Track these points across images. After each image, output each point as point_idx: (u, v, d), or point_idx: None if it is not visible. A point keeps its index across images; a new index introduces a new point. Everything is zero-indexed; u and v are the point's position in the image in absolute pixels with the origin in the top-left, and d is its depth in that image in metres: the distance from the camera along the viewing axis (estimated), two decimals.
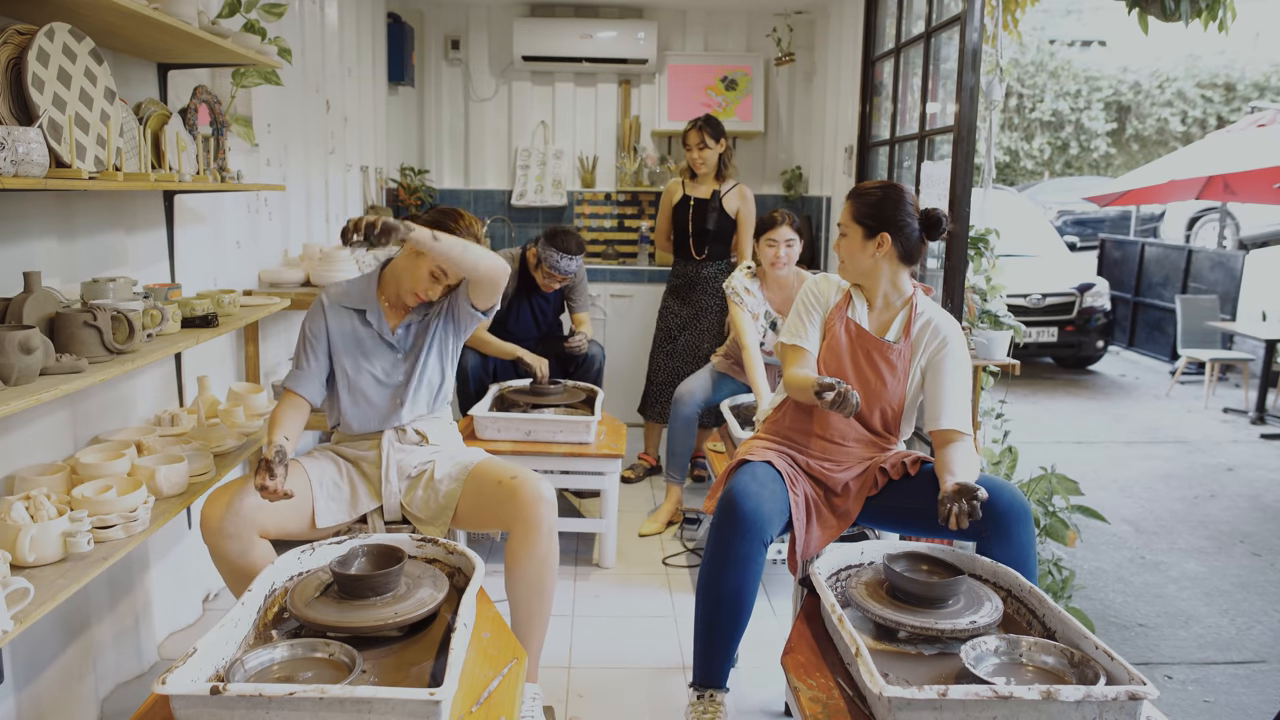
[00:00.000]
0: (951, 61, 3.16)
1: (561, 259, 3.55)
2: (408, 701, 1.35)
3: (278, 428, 2.14)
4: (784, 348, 2.35)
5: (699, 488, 4.09)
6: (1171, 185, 8.47)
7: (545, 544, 2.13)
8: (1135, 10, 2.97)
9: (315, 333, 2.26)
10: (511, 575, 2.13)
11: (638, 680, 2.53)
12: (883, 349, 2.24)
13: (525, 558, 2.11)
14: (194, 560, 2.79)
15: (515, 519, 2.12)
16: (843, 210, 2.30)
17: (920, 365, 2.25)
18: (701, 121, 3.95)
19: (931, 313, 2.28)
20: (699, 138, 3.93)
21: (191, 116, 2.57)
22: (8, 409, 1.54)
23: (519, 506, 2.12)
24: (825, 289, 2.35)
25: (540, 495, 2.14)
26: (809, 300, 2.36)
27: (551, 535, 2.14)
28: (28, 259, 2.00)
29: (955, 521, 1.88)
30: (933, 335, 2.24)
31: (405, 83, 5.00)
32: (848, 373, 2.25)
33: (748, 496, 2.04)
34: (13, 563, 1.70)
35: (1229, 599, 3.62)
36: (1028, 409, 6.78)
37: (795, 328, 2.35)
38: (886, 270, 2.25)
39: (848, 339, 2.28)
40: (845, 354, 2.26)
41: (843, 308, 2.31)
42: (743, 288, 3.43)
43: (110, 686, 2.35)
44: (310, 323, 2.27)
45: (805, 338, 2.32)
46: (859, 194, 2.28)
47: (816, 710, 1.57)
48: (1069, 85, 14.75)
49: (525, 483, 2.16)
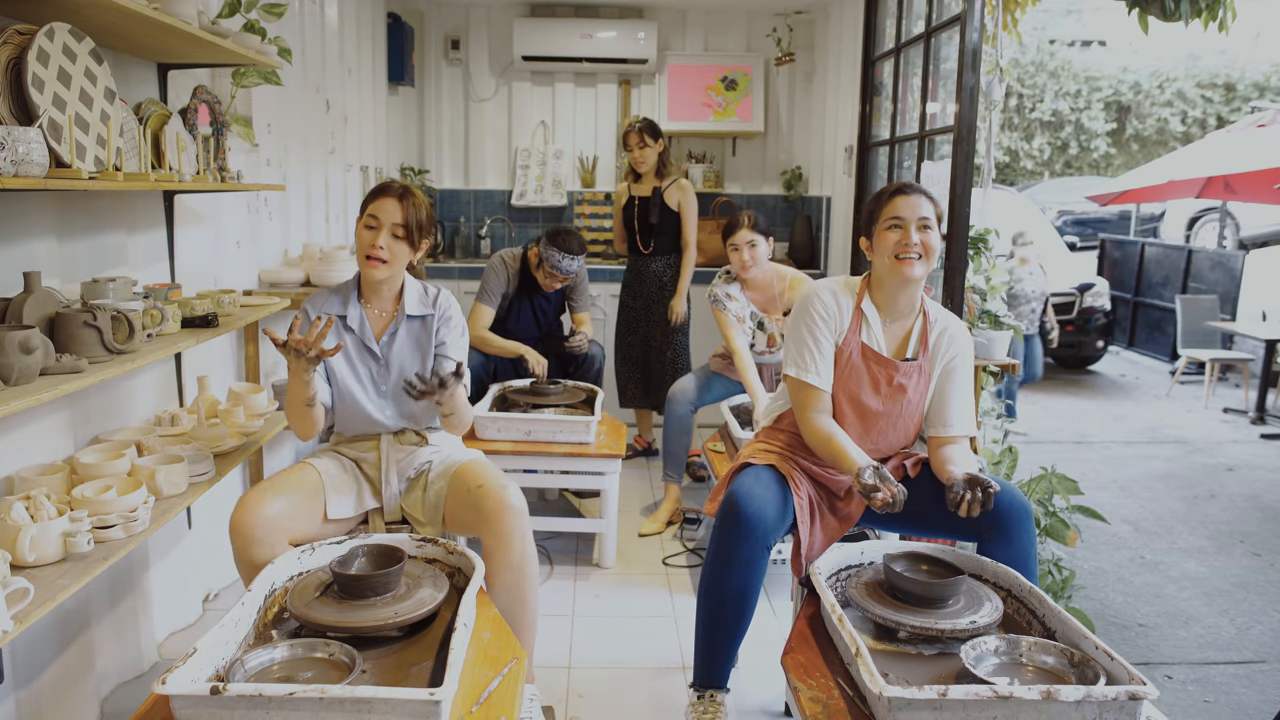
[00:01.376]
0: (951, 61, 3.16)
1: (563, 259, 3.56)
2: (408, 701, 1.35)
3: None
4: (793, 383, 2.17)
5: (698, 487, 4.09)
6: (1171, 185, 8.47)
7: (517, 552, 2.08)
8: (1135, 10, 2.97)
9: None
10: (490, 585, 2.09)
11: (638, 680, 2.53)
12: (906, 371, 2.15)
13: (500, 566, 2.07)
14: (194, 560, 2.79)
15: (485, 528, 2.09)
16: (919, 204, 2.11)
17: (937, 374, 2.19)
18: (640, 124, 4.15)
19: (945, 320, 2.22)
20: (639, 139, 4.13)
21: (191, 116, 2.57)
22: (8, 409, 1.54)
23: (486, 516, 2.08)
24: (836, 307, 2.17)
25: (505, 505, 2.08)
26: (818, 323, 2.16)
27: (523, 542, 2.10)
28: (28, 259, 2.00)
29: (967, 509, 1.87)
30: (949, 344, 2.18)
31: (405, 83, 5.01)
32: (870, 404, 2.16)
33: (751, 499, 2.03)
34: (13, 563, 1.70)
35: (1229, 599, 3.62)
36: (1028, 409, 6.78)
37: (804, 358, 2.15)
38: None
39: (867, 369, 2.15)
40: (865, 383, 2.16)
41: (856, 329, 2.16)
42: (723, 294, 3.43)
43: (110, 686, 2.35)
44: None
45: (818, 373, 2.14)
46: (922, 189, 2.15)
47: (816, 710, 1.57)
48: (1069, 85, 14.74)
49: (490, 493, 2.11)
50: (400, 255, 2.18)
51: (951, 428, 2.15)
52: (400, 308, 2.27)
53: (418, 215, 2.18)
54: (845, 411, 2.18)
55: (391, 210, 2.16)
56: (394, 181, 2.25)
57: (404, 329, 2.27)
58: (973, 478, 1.92)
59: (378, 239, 2.15)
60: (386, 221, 2.15)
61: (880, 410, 2.17)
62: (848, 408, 2.17)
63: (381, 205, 2.16)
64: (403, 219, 2.16)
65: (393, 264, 2.18)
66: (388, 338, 2.27)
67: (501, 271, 3.71)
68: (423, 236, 2.22)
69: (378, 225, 2.15)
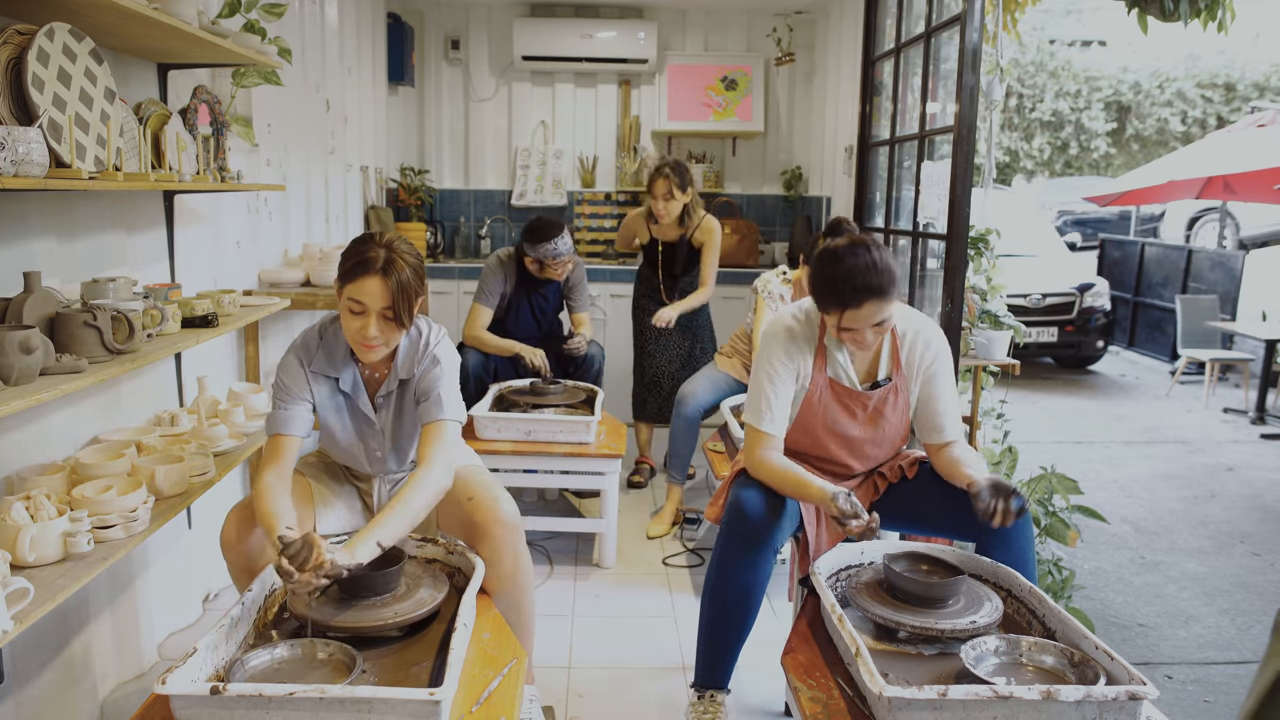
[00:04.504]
0: (951, 61, 3.16)
1: (553, 245, 3.53)
2: (408, 701, 1.35)
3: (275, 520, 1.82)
4: (748, 427, 2.14)
5: (699, 487, 4.09)
6: (1171, 185, 8.47)
7: (509, 564, 2.02)
8: (1135, 10, 2.97)
9: (295, 386, 2.03)
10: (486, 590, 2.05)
11: (638, 680, 2.53)
12: (881, 397, 2.12)
13: (494, 578, 2.01)
14: (194, 560, 2.79)
15: (478, 541, 2.02)
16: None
17: (917, 385, 2.15)
18: (669, 168, 3.72)
19: (914, 326, 2.16)
20: (667, 187, 3.71)
21: (191, 116, 2.57)
22: (8, 409, 1.54)
23: (478, 529, 2.02)
24: (795, 348, 2.12)
25: (496, 519, 2.00)
26: (778, 373, 2.11)
27: (516, 554, 2.04)
28: (28, 259, 2.00)
29: (1002, 519, 1.85)
30: (924, 350, 2.14)
31: (405, 83, 5.01)
32: (850, 432, 2.13)
33: (757, 504, 2.03)
34: (13, 563, 1.70)
35: (1229, 599, 3.62)
36: (1028, 409, 6.78)
37: (759, 406, 2.11)
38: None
39: (839, 403, 2.12)
40: (841, 415, 2.13)
41: (821, 366, 2.12)
42: (777, 293, 3.42)
43: (110, 686, 2.35)
44: (289, 377, 2.03)
45: (773, 420, 2.10)
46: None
47: (816, 710, 1.57)
48: (1069, 85, 14.74)
49: (481, 505, 2.02)
50: (394, 334, 1.95)
51: (946, 431, 2.14)
52: (394, 368, 2.07)
53: (405, 290, 1.90)
54: (827, 443, 2.16)
55: (375, 294, 1.88)
56: (373, 247, 1.91)
57: (398, 388, 2.11)
58: (996, 484, 1.90)
59: (367, 328, 1.90)
60: (373, 307, 1.89)
61: (862, 436, 2.15)
62: (828, 439, 2.16)
63: (362, 288, 1.88)
64: (389, 301, 1.89)
65: (389, 343, 1.97)
66: (383, 399, 2.10)
67: (498, 270, 3.70)
68: (413, 302, 1.94)
69: (363, 311, 1.90)
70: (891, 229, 3.78)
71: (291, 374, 2.03)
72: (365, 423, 2.11)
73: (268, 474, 1.93)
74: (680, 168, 3.75)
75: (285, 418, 1.99)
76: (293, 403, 2.01)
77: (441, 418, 2.00)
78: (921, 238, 3.41)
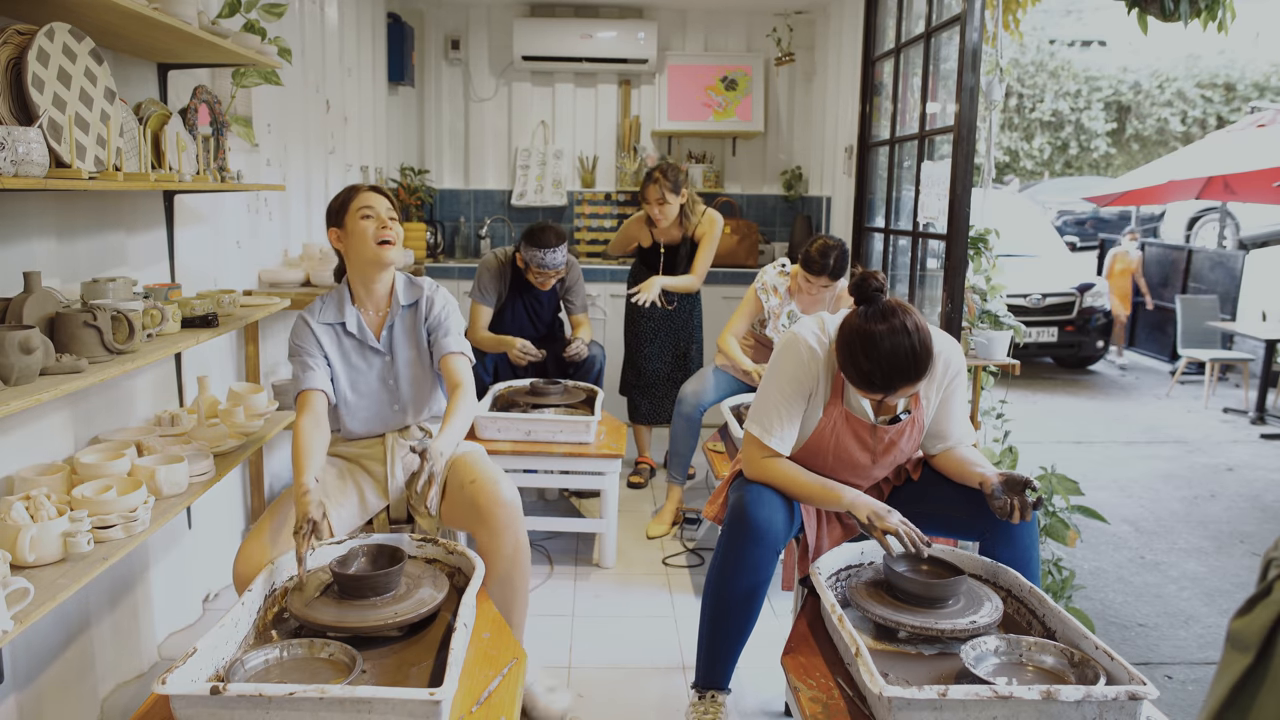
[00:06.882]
0: (951, 61, 3.16)
1: (546, 254, 3.51)
2: (408, 701, 1.35)
3: (306, 458, 2.00)
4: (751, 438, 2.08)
5: (696, 486, 4.09)
6: (1171, 185, 8.47)
7: (510, 544, 2.12)
8: (1135, 10, 2.97)
9: (307, 344, 2.23)
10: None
11: (638, 680, 2.53)
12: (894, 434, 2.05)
13: (493, 557, 2.10)
14: (194, 560, 2.79)
15: (478, 523, 2.12)
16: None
17: (934, 408, 2.10)
18: (659, 175, 3.70)
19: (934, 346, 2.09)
20: (659, 191, 3.70)
21: (191, 116, 2.57)
22: (8, 409, 1.54)
23: (479, 510, 2.12)
24: (812, 369, 2.02)
25: (497, 500, 2.12)
26: (788, 388, 2.03)
27: (516, 535, 2.13)
28: (28, 259, 2.00)
29: (1020, 515, 1.87)
30: (943, 371, 2.06)
31: (405, 83, 5.01)
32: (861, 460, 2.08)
33: (760, 504, 2.02)
34: (13, 563, 1.70)
35: (1229, 599, 3.61)
36: (1028, 409, 6.78)
37: (769, 420, 2.05)
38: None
39: (854, 435, 2.05)
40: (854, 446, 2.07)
41: (837, 399, 2.03)
42: (771, 285, 3.43)
43: (110, 686, 2.35)
44: (299, 338, 2.24)
45: (780, 439, 2.05)
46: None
47: (816, 710, 1.57)
48: (1069, 85, 14.74)
49: (483, 489, 2.14)
50: (402, 236, 2.28)
51: (953, 438, 2.13)
52: (394, 299, 2.33)
53: (394, 199, 2.32)
54: (836, 470, 2.12)
55: (377, 200, 2.25)
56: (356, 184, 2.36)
57: (399, 321, 2.33)
58: (1009, 479, 1.90)
59: (385, 223, 2.23)
60: (380, 208, 2.24)
61: (872, 464, 2.11)
62: (836, 466, 2.11)
63: (367, 198, 2.25)
64: (390, 202, 2.28)
65: (399, 244, 2.26)
66: (386, 332, 2.32)
67: (494, 268, 3.69)
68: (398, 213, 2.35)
69: (374, 214, 2.23)
70: (891, 229, 3.78)
71: (300, 334, 2.24)
72: (377, 358, 2.31)
73: (303, 420, 2.11)
74: (671, 170, 3.73)
75: (307, 375, 2.19)
76: (309, 358, 2.21)
77: (459, 350, 2.30)
78: (921, 238, 3.41)
